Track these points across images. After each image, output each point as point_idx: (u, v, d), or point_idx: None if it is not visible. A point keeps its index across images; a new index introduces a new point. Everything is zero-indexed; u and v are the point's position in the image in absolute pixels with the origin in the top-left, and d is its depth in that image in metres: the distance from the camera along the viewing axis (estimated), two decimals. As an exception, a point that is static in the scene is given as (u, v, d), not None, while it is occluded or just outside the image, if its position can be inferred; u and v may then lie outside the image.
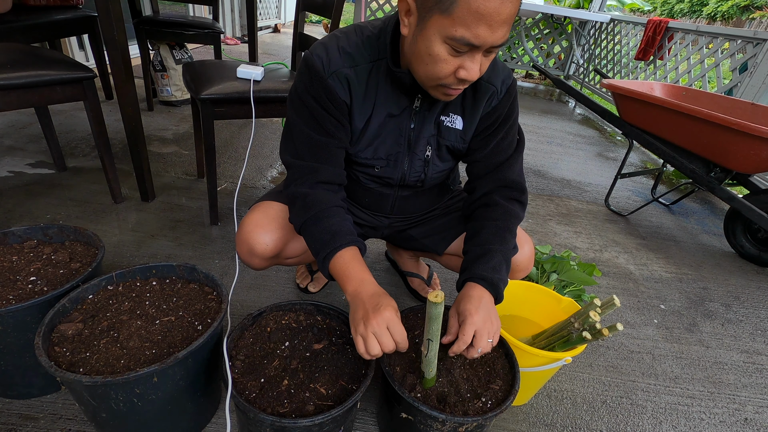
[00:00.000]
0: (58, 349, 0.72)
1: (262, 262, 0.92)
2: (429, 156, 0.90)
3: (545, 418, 1.02)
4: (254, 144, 2.32)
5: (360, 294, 0.73)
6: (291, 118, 0.84)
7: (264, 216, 0.90)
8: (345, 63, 0.78)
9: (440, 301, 0.64)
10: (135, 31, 2.35)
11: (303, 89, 0.80)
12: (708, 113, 1.58)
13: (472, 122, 0.87)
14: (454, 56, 0.66)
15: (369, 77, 0.80)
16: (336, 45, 0.78)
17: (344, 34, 0.80)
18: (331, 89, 0.78)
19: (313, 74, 0.77)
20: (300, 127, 0.82)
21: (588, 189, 2.39)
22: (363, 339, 0.68)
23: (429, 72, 0.70)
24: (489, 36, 0.63)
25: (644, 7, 6.43)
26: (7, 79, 1.14)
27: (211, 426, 0.88)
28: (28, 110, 2.22)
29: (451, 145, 0.89)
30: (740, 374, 1.24)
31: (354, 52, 0.78)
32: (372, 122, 0.83)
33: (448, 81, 0.70)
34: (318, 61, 0.77)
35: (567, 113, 4.06)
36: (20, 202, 1.51)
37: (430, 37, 0.65)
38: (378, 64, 0.79)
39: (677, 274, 1.70)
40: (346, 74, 0.78)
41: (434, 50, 0.66)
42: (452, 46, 0.65)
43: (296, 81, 0.82)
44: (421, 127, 0.86)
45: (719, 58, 2.89)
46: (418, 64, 0.71)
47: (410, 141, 0.87)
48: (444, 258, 1.10)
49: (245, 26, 5.33)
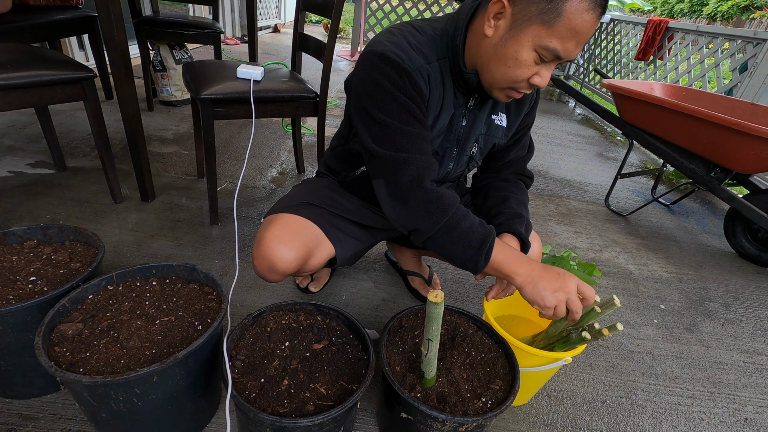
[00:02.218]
0: (58, 349, 0.72)
1: (280, 278, 0.90)
2: (474, 153, 0.95)
3: (545, 418, 1.02)
4: (254, 144, 2.32)
5: (536, 268, 0.79)
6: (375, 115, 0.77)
7: (286, 231, 0.87)
8: (422, 59, 0.78)
9: (440, 301, 0.64)
10: (135, 31, 2.35)
11: (389, 85, 0.75)
12: (708, 113, 1.58)
13: (515, 121, 0.95)
14: (537, 64, 0.72)
15: (439, 76, 0.81)
16: (407, 41, 0.77)
17: (407, 31, 0.79)
18: (418, 84, 0.77)
19: (399, 69, 0.74)
20: (393, 122, 0.76)
21: (588, 189, 2.39)
22: (564, 302, 0.77)
23: (508, 74, 0.73)
24: (573, 51, 0.70)
25: (644, 7, 6.43)
26: (7, 79, 1.14)
27: (211, 426, 0.88)
28: (28, 110, 2.22)
29: (497, 142, 0.96)
30: (740, 374, 1.24)
31: (425, 50, 0.79)
32: (439, 120, 0.85)
33: (521, 85, 0.75)
34: (398, 57, 0.74)
35: (567, 113, 4.06)
36: (20, 202, 1.51)
37: (524, 43, 0.70)
38: (442, 63, 0.81)
39: (677, 274, 1.70)
40: (427, 71, 0.79)
41: (522, 55, 0.70)
42: (541, 54, 0.70)
43: (373, 77, 0.76)
44: (472, 125, 0.89)
45: (719, 58, 2.89)
46: (498, 65, 0.73)
47: (460, 138, 0.90)
48: None
49: (245, 26, 5.32)
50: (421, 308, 0.95)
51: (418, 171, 0.77)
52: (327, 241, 0.93)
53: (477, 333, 0.91)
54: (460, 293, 1.41)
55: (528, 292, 0.78)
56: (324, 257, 0.94)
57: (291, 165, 2.14)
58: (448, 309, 0.95)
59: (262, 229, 0.89)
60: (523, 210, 0.95)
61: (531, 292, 0.78)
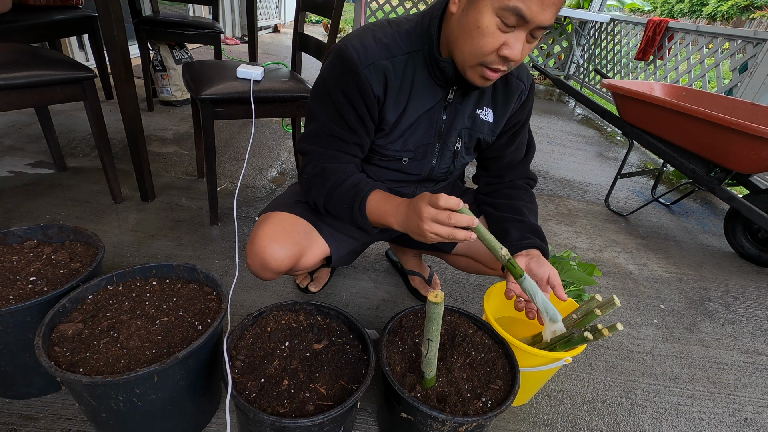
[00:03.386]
0: (58, 349, 0.72)
1: (273, 276, 0.91)
2: (459, 148, 0.92)
3: (545, 418, 1.02)
4: (254, 144, 2.32)
5: (401, 213, 0.75)
6: (313, 108, 0.84)
7: (278, 229, 0.88)
8: (383, 54, 0.77)
9: (440, 301, 0.64)
10: (135, 31, 2.35)
11: (332, 81, 0.79)
12: (708, 113, 1.58)
13: (502, 116, 0.91)
14: (502, 31, 0.67)
15: (405, 69, 0.80)
16: (372, 36, 0.77)
17: (378, 26, 0.80)
18: (364, 83, 0.77)
19: (346, 66, 0.76)
20: (322, 119, 0.82)
21: (588, 189, 2.39)
22: (433, 232, 0.69)
23: (474, 47, 0.70)
24: (539, 12, 0.64)
25: (644, 7, 6.43)
26: (7, 79, 1.14)
27: (211, 426, 0.88)
28: (28, 110, 2.22)
29: (483, 137, 0.92)
30: (740, 374, 1.24)
31: (391, 43, 0.78)
32: (406, 115, 0.83)
33: (490, 59, 0.70)
34: (353, 53, 0.76)
35: (567, 113, 4.06)
36: (20, 202, 1.51)
37: (482, 8, 0.66)
38: (414, 56, 0.79)
39: (677, 274, 1.70)
40: (383, 66, 0.77)
41: (484, 22, 0.67)
42: (502, 18, 0.65)
43: (325, 72, 0.81)
44: (453, 119, 0.87)
45: (719, 58, 2.89)
46: (465, 39, 0.71)
47: (441, 133, 0.88)
48: (452, 257, 1.10)
49: (245, 26, 5.32)
50: (421, 308, 0.95)
51: (318, 161, 0.84)
52: (321, 240, 0.93)
53: (477, 333, 0.91)
54: (460, 293, 1.41)
55: (407, 232, 0.76)
56: (318, 255, 0.94)
57: (291, 165, 2.14)
58: (448, 309, 0.95)
59: (255, 228, 0.90)
60: (535, 219, 0.94)
61: (409, 233, 0.75)
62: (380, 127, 0.85)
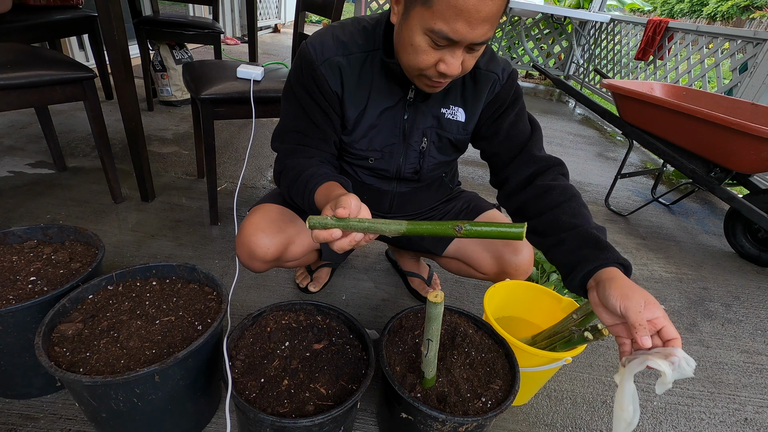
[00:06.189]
0: (58, 349, 0.72)
1: (262, 266, 0.92)
2: (425, 148, 0.90)
3: (545, 418, 1.02)
4: (254, 144, 2.32)
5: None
6: (282, 107, 0.87)
7: (264, 219, 0.90)
8: (337, 51, 0.78)
9: (440, 301, 0.64)
10: (135, 31, 2.35)
11: (294, 78, 0.82)
12: (708, 113, 1.58)
13: (474, 113, 0.88)
14: (435, 49, 0.66)
15: (363, 67, 0.80)
16: (330, 34, 0.79)
17: (341, 24, 0.82)
18: (321, 78, 0.79)
19: (305, 63, 0.79)
20: (288, 116, 0.85)
21: (588, 189, 2.39)
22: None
23: (411, 62, 0.70)
24: (468, 32, 0.62)
25: (644, 7, 6.43)
26: (7, 79, 1.14)
27: (211, 426, 0.88)
28: (28, 110, 2.22)
29: (453, 137, 0.90)
30: (740, 374, 1.24)
31: (348, 40, 0.79)
32: (367, 113, 0.84)
33: (429, 73, 0.70)
34: (311, 51, 0.78)
35: (567, 113, 4.06)
36: (20, 202, 1.51)
37: (413, 27, 0.66)
38: (373, 54, 0.80)
39: (677, 274, 1.70)
40: (338, 62, 0.79)
41: (415, 41, 0.66)
42: (432, 38, 0.64)
43: (290, 71, 0.84)
44: (414, 118, 0.86)
45: (719, 58, 2.89)
46: (402, 53, 0.71)
47: (405, 132, 0.87)
48: (443, 260, 1.10)
49: (245, 26, 5.32)
50: (421, 308, 0.95)
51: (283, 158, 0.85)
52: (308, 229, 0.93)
53: (477, 333, 0.91)
54: (460, 293, 1.41)
55: None
56: (307, 244, 0.95)
57: (291, 165, 2.13)
58: (448, 309, 0.95)
59: (244, 220, 0.92)
60: (581, 221, 0.74)
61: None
62: (343, 123, 0.86)
